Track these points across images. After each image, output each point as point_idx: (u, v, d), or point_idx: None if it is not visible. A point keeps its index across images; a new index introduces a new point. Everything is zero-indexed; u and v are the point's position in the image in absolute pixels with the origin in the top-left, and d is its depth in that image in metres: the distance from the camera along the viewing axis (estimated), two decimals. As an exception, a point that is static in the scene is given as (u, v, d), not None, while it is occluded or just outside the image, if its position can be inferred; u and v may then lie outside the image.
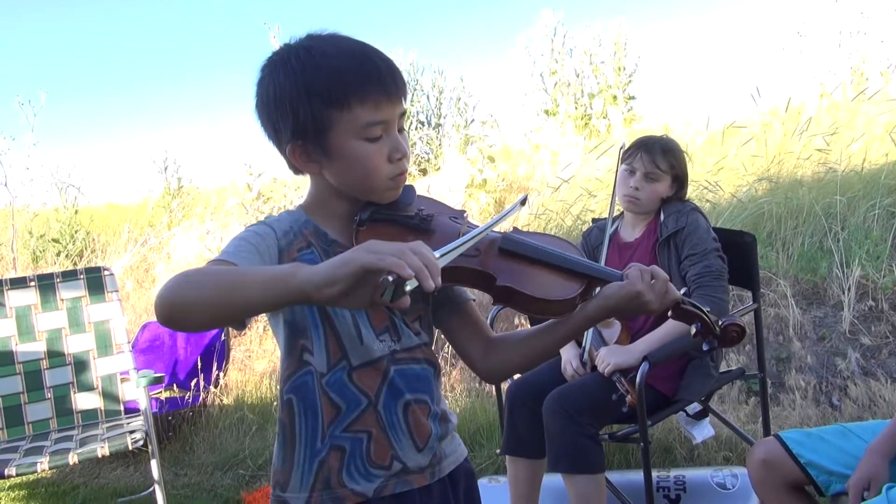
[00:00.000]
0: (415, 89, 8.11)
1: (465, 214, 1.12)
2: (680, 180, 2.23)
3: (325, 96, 0.99)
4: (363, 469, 1.06)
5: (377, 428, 1.06)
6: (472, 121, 7.53)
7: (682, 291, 1.08)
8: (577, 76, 7.53)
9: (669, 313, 1.07)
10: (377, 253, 0.78)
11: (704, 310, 1.09)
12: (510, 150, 6.71)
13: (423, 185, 6.13)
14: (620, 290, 1.03)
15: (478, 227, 1.05)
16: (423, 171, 7.47)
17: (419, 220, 1.07)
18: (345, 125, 1.00)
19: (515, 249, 1.07)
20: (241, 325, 0.95)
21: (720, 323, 1.10)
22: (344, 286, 0.79)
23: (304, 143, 1.02)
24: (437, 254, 0.84)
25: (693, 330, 1.09)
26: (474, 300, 1.17)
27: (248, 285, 0.84)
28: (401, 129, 1.05)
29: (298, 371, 1.06)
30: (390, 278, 0.76)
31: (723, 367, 2.33)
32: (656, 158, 2.16)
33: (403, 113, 1.04)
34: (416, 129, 7.93)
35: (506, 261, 1.05)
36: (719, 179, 4.45)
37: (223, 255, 0.95)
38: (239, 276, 0.86)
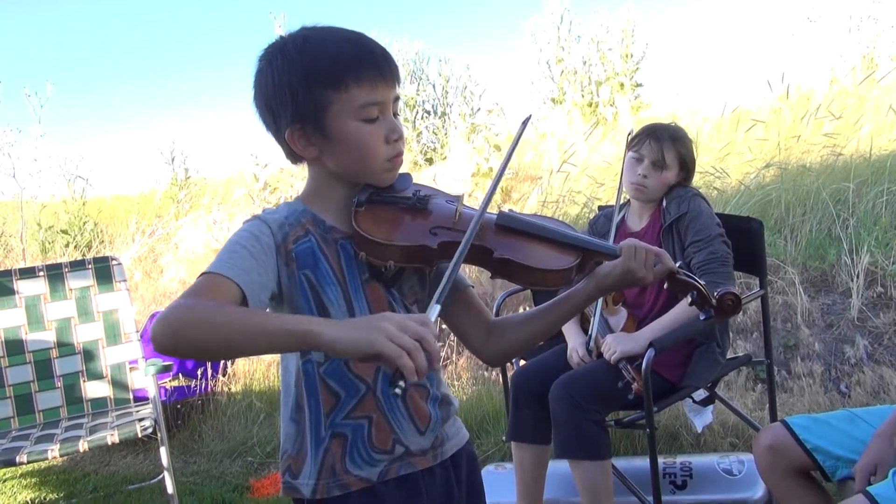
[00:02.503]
0: (420, 78, 8.08)
1: (460, 198, 1.13)
2: (687, 168, 2.21)
3: (322, 79, 1.00)
4: (366, 454, 1.07)
5: (378, 413, 1.07)
6: (479, 109, 7.50)
7: (678, 264, 1.11)
8: (584, 64, 7.49)
9: (665, 284, 1.11)
10: (395, 339, 0.83)
11: (699, 281, 1.12)
12: (516, 138, 6.68)
13: (429, 174, 6.12)
14: (615, 269, 1.08)
15: (471, 209, 1.09)
16: (430, 160, 7.46)
17: (416, 201, 1.08)
18: (342, 106, 1.01)
19: (511, 225, 1.09)
20: None
21: (715, 293, 1.13)
22: (358, 357, 0.86)
23: (303, 127, 1.03)
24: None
25: (689, 299, 1.13)
26: (473, 287, 1.18)
27: (259, 337, 0.86)
28: (395, 114, 1.06)
29: (302, 360, 1.07)
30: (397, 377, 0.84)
31: (730, 354, 2.32)
32: (665, 146, 2.15)
33: (398, 98, 1.06)
34: (422, 117, 7.91)
35: (502, 236, 1.08)
36: (726, 166, 4.43)
37: (217, 268, 0.95)
38: (252, 324, 0.87)
